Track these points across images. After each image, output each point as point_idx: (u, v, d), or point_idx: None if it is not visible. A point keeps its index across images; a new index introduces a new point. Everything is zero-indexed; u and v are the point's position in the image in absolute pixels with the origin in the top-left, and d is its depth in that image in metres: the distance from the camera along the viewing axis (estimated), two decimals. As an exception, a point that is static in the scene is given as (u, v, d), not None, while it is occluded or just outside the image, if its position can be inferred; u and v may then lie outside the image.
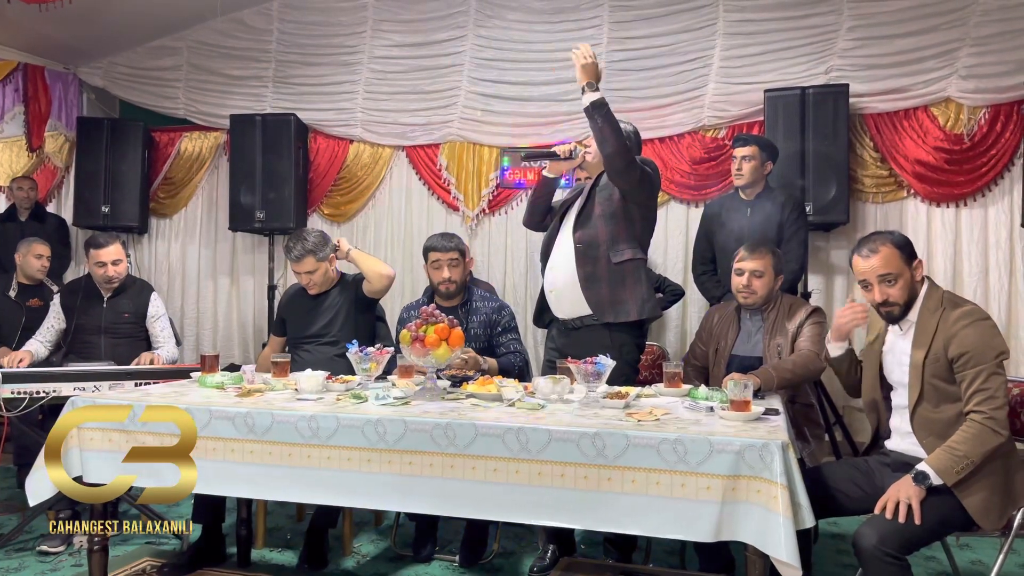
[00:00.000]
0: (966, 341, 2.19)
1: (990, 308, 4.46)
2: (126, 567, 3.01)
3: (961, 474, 2.11)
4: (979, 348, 2.17)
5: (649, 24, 5.06)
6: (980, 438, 2.12)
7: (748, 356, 3.00)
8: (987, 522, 2.15)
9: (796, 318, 2.97)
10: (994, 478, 2.16)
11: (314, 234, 3.49)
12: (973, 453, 2.11)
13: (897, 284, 2.29)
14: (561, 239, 3.13)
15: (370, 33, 5.56)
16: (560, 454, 2.02)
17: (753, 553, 1.94)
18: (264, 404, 2.36)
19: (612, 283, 2.99)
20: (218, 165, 5.89)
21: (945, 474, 2.11)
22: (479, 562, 3.13)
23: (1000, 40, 4.40)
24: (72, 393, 2.78)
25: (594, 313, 2.98)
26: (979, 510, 2.14)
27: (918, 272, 2.33)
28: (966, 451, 2.12)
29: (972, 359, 2.17)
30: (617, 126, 2.92)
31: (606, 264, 2.99)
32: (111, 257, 3.70)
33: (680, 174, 4.97)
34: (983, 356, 2.17)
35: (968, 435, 2.13)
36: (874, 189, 4.70)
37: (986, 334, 2.20)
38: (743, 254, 3.06)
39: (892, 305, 2.31)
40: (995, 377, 2.16)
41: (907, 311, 2.34)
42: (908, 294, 2.31)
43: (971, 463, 2.11)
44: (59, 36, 5.56)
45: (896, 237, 2.35)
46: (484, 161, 5.35)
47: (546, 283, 3.17)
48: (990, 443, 2.12)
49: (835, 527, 3.50)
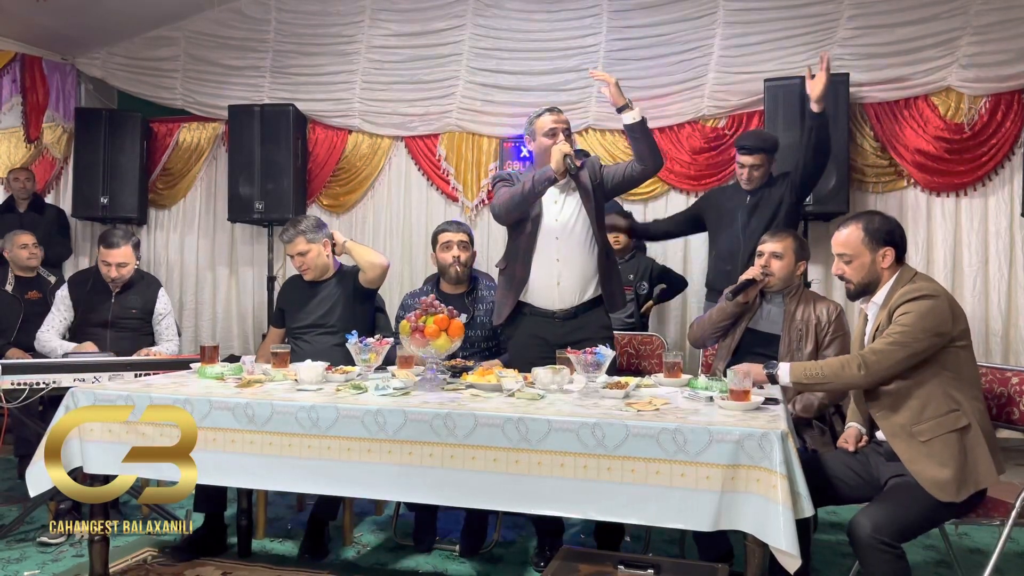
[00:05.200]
0: (901, 315, 2.23)
1: (989, 297, 4.46)
2: (127, 557, 3.02)
3: (807, 383, 2.31)
4: (910, 324, 2.20)
5: (649, 13, 5.04)
6: (841, 364, 2.27)
7: (766, 333, 2.99)
8: (943, 494, 2.15)
9: (820, 312, 2.93)
10: (949, 453, 2.17)
11: (309, 219, 3.54)
12: (828, 373, 2.27)
13: (852, 264, 2.39)
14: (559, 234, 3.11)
15: (368, 22, 5.53)
16: (560, 444, 2.02)
17: (752, 542, 1.94)
18: (264, 395, 2.36)
19: (611, 277, 3.18)
20: (216, 156, 5.87)
21: (794, 371, 2.31)
22: (479, 552, 3.14)
23: (1001, 29, 4.39)
24: (72, 384, 2.78)
25: (608, 305, 3.15)
26: (934, 483, 2.16)
27: (884, 259, 2.35)
28: (822, 368, 2.28)
29: (894, 328, 2.22)
30: (654, 142, 3.08)
31: (610, 261, 3.17)
32: (117, 259, 3.68)
33: (680, 164, 4.96)
34: (907, 327, 2.20)
35: (834, 361, 2.32)
36: (874, 179, 4.69)
37: (923, 312, 2.20)
38: (765, 237, 3.07)
39: (846, 282, 2.44)
40: (895, 347, 2.20)
41: (864, 292, 2.41)
42: (865, 276, 2.38)
43: (821, 378, 2.27)
44: (56, 26, 5.53)
45: (872, 221, 2.38)
46: (483, 151, 5.34)
47: (551, 275, 3.09)
48: (847, 376, 2.25)
49: (834, 516, 3.51)
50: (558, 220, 3.09)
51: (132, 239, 3.81)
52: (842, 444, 2.52)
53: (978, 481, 2.21)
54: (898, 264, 2.39)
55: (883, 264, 2.37)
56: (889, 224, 2.40)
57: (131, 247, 3.75)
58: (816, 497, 1.99)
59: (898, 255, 2.38)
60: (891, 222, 2.41)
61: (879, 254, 2.36)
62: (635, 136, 3.01)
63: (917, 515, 2.11)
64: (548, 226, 3.09)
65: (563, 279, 3.08)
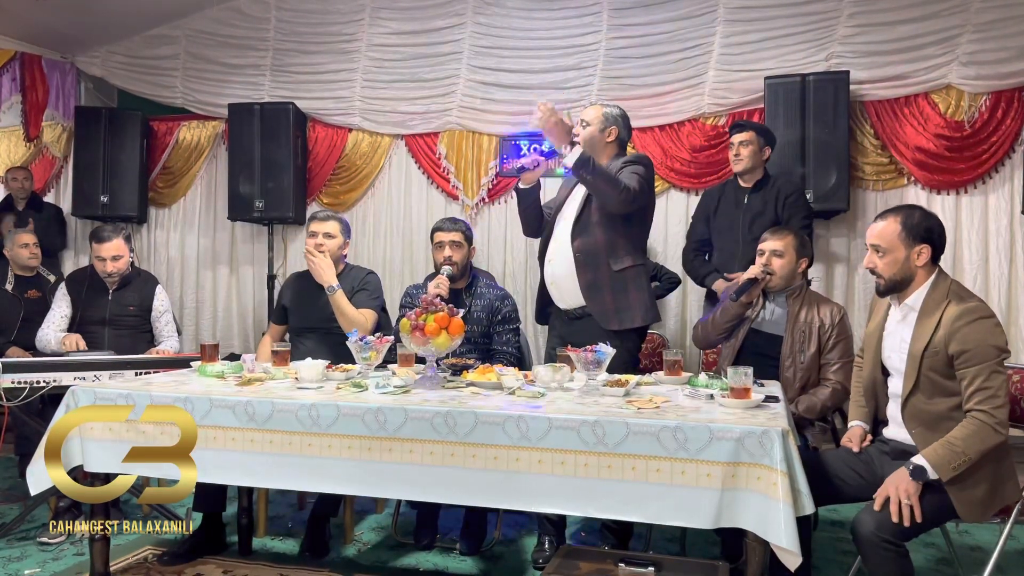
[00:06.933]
0: (967, 339, 2.16)
1: (990, 295, 4.46)
2: (127, 556, 3.02)
3: (957, 470, 2.10)
4: (980, 346, 2.15)
5: (648, 11, 5.03)
6: (980, 435, 2.11)
7: (769, 334, 2.98)
8: (971, 517, 2.16)
9: (823, 314, 2.91)
10: (985, 478, 2.16)
11: (344, 217, 3.63)
12: (971, 450, 2.10)
13: (885, 258, 2.30)
14: (557, 232, 3.12)
15: (368, 20, 5.53)
16: (560, 442, 2.02)
17: (753, 540, 1.94)
18: (264, 393, 2.36)
19: (615, 291, 2.98)
20: (216, 154, 5.87)
21: (941, 469, 2.10)
22: (480, 550, 3.14)
23: (1001, 26, 4.39)
24: (72, 383, 2.78)
25: (599, 321, 2.97)
26: (965, 507, 2.14)
27: (920, 258, 2.28)
28: (964, 448, 2.10)
29: (973, 357, 2.15)
30: (608, 175, 2.86)
31: (607, 272, 2.98)
32: (110, 253, 3.68)
33: (680, 162, 4.96)
34: (984, 354, 2.15)
35: (968, 432, 2.12)
36: (874, 176, 4.69)
37: (987, 332, 2.17)
38: (766, 235, 3.05)
39: (877, 276, 2.34)
40: (996, 376, 2.14)
41: (895, 289, 2.33)
42: (898, 273, 2.29)
43: (968, 460, 2.10)
44: (56, 25, 5.53)
45: (912, 216, 2.30)
46: (483, 150, 5.33)
47: (546, 275, 3.16)
48: (989, 441, 2.11)
49: (835, 514, 3.51)
50: (558, 222, 3.16)
51: (122, 232, 3.80)
52: (846, 443, 2.51)
53: (1004, 498, 2.21)
54: (933, 264, 2.31)
55: (917, 262, 2.28)
56: (929, 221, 2.31)
57: (122, 239, 3.74)
58: (817, 495, 1.98)
59: (934, 255, 2.30)
60: (931, 219, 2.32)
61: (914, 251, 2.28)
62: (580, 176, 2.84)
63: (920, 512, 2.10)
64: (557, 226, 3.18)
65: (556, 279, 3.14)
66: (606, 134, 3.08)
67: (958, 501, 2.13)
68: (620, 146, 3.14)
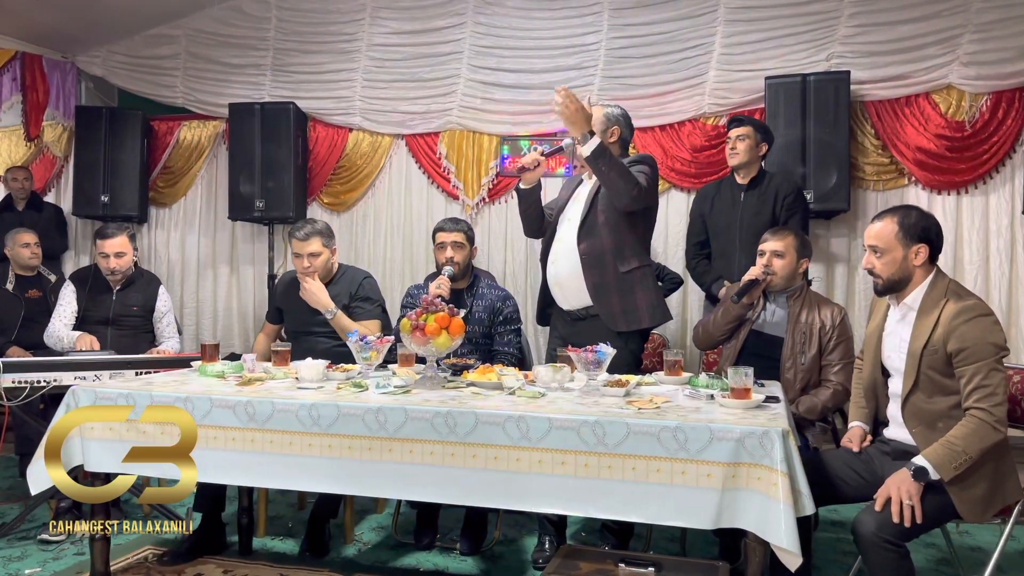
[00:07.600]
0: (966, 337, 2.17)
1: (991, 295, 4.45)
2: (128, 556, 3.02)
3: (959, 470, 2.10)
4: (978, 344, 2.15)
5: (649, 11, 5.03)
6: (979, 434, 2.11)
7: (770, 335, 2.98)
8: (972, 516, 2.16)
9: (824, 316, 2.90)
10: (985, 476, 2.16)
11: (323, 222, 3.52)
12: (971, 449, 2.10)
13: (883, 258, 2.31)
14: (561, 233, 3.11)
15: (368, 20, 5.53)
16: (560, 442, 2.02)
17: (753, 540, 1.94)
18: (265, 393, 2.36)
19: (621, 292, 2.98)
20: (217, 154, 5.87)
21: (943, 469, 2.10)
22: (480, 550, 3.14)
23: (1002, 26, 4.38)
24: (73, 382, 2.78)
25: (606, 322, 2.97)
26: (966, 506, 2.14)
27: (918, 257, 2.29)
28: (964, 447, 2.11)
29: (972, 355, 2.16)
30: (624, 168, 2.87)
31: (614, 273, 2.98)
32: (114, 249, 3.68)
33: (680, 162, 4.96)
34: (983, 352, 2.15)
35: (968, 431, 2.12)
36: (875, 177, 4.68)
37: (986, 330, 2.17)
38: (766, 236, 3.04)
39: (875, 276, 2.35)
40: (995, 373, 2.15)
41: (893, 289, 2.34)
42: (896, 273, 2.30)
43: (969, 459, 2.10)
44: (57, 24, 5.52)
45: (909, 216, 2.31)
46: (484, 149, 5.33)
47: (549, 276, 3.15)
48: (989, 440, 2.12)
49: (835, 514, 3.51)
50: (561, 223, 3.17)
51: (127, 230, 3.80)
52: (846, 444, 2.51)
53: (1005, 498, 2.21)
54: (931, 264, 2.32)
55: (915, 262, 2.29)
56: (926, 221, 2.32)
57: (127, 237, 3.74)
58: (817, 495, 1.98)
59: (932, 254, 2.31)
60: (928, 219, 2.33)
61: (912, 250, 2.28)
62: (596, 167, 2.83)
63: (921, 513, 2.10)
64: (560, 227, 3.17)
65: (559, 279, 3.13)
66: (608, 134, 3.07)
67: (959, 500, 2.13)
68: (623, 146, 3.14)
